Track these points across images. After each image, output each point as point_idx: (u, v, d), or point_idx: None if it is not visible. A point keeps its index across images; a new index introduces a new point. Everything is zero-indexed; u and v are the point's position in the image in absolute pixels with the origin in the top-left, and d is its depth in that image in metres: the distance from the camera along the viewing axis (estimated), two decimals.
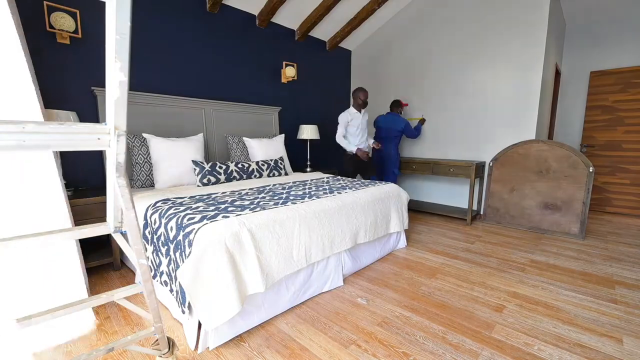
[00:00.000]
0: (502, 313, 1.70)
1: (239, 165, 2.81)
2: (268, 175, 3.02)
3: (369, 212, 2.23)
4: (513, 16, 3.25)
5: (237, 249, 1.42)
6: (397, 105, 3.83)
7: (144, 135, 2.49)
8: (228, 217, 1.55)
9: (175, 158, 2.50)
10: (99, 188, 2.39)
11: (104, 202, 2.06)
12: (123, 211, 0.90)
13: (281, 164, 3.18)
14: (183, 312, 1.44)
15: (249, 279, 1.45)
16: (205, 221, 1.48)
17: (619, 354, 1.38)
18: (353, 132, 3.38)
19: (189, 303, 1.41)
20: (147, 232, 1.80)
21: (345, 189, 2.39)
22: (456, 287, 1.99)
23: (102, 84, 2.39)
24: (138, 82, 2.64)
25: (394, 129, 3.68)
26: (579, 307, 1.76)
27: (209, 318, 1.32)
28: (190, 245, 1.40)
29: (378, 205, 2.33)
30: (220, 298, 1.33)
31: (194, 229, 1.44)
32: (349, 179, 2.94)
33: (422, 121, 3.87)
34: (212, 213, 1.61)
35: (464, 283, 2.04)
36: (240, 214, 1.60)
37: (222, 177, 2.64)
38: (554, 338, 1.48)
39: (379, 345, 1.43)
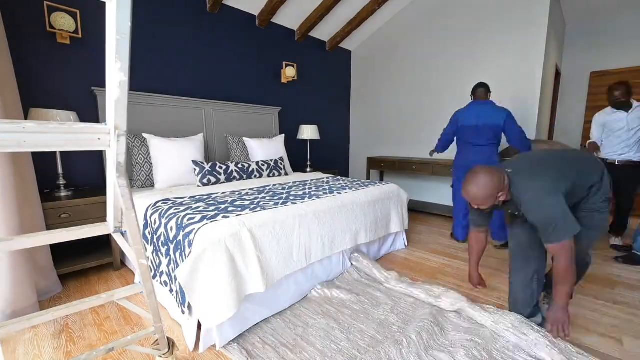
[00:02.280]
0: None
1: (239, 166, 2.81)
2: (268, 176, 3.02)
3: (369, 212, 2.23)
4: (513, 16, 3.25)
5: (237, 249, 1.42)
6: (485, 89, 2.62)
7: (144, 135, 2.49)
8: (228, 217, 1.55)
9: (175, 158, 2.50)
10: (99, 188, 2.39)
11: (104, 202, 2.06)
12: (123, 211, 0.90)
13: (281, 164, 3.18)
14: (183, 312, 1.44)
15: (249, 279, 1.45)
16: (205, 221, 1.48)
17: (619, 354, 1.37)
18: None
19: (188, 303, 1.41)
20: (147, 232, 1.80)
21: (345, 189, 2.38)
22: (456, 287, 1.99)
23: (102, 84, 2.39)
24: (138, 82, 2.64)
25: (488, 125, 2.51)
26: (579, 307, 1.76)
27: (208, 317, 1.32)
28: (190, 245, 1.40)
29: (378, 206, 2.33)
30: (219, 298, 1.33)
31: (194, 229, 1.43)
32: (349, 179, 2.93)
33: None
34: (212, 213, 1.61)
35: (464, 283, 2.03)
36: (241, 214, 1.60)
37: (222, 177, 2.64)
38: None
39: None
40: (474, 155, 2.58)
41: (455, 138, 2.76)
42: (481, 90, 2.62)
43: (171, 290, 1.56)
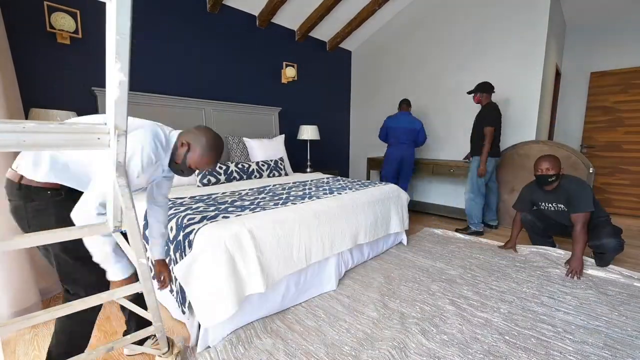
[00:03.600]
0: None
1: (239, 166, 2.81)
2: (268, 176, 3.02)
3: (369, 212, 2.22)
4: (513, 17, 3.26)
5: (237, 249, 1.42)
6: (407, 104, 3.60)
7: None
8: (228, 217, 1.55)
9: None
10: None
11: None
12: (123, 211, 0.90)
13: (281, 164, 3.18)
14: (183, 312, 1.44)
15: (250, 279, 1.45)
16: (205, 221, 1.48)
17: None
18: None
19: (189, 303, 1.41)
20: (147, 232, 1.79)
21: (345, 189, 2.38)
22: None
23: (102, 84, 2.38)
24: (138, 82, 2.64)
25: (411, 128, 3.48)
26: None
27: (208, 316, 1.32)
28: (190, 245, 1.40)
29: (378, 206, 2.33)
30: (219, 297, 1.33)
31: (194, 229, 1.44)
32: (349, 179, 2.94)
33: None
34: (212, 213, 1.61)
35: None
36: (241, 215, 1.60)
37: (222, 178, 2.64)
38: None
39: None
40: (402, 150, 3.50)
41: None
42: (405, 104, 3.58)
43: (171, 291, 1.56)
